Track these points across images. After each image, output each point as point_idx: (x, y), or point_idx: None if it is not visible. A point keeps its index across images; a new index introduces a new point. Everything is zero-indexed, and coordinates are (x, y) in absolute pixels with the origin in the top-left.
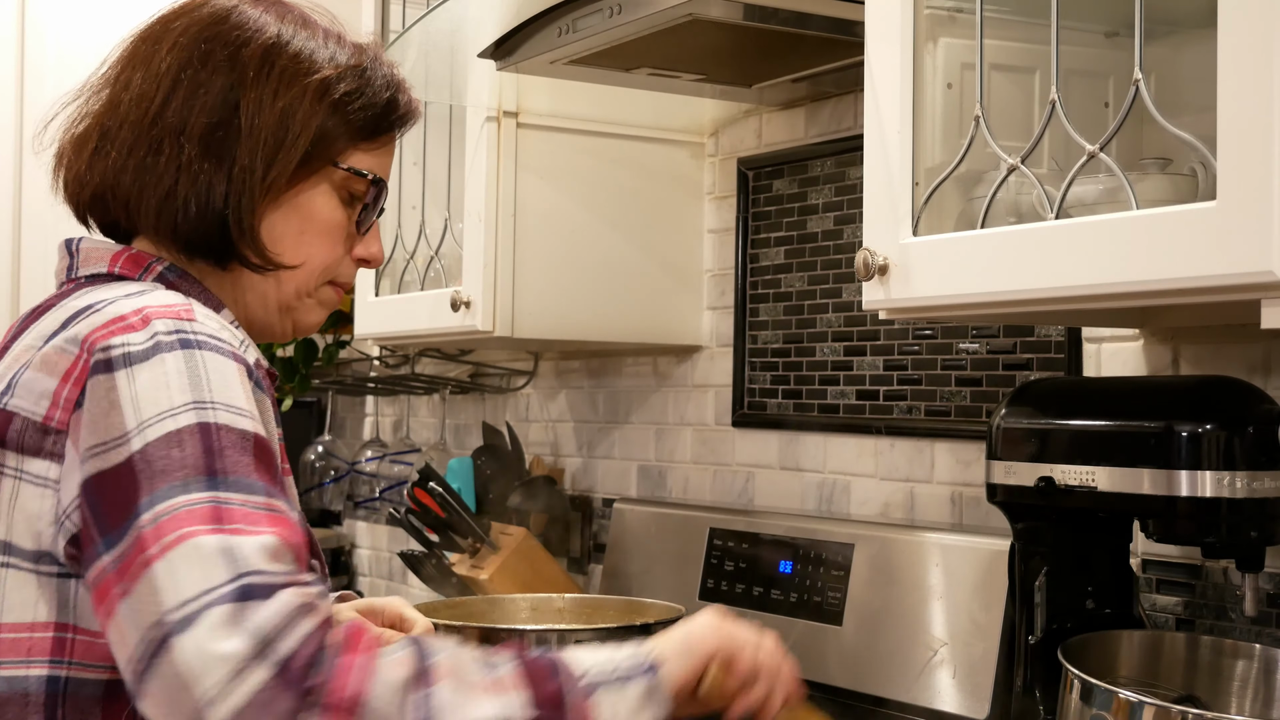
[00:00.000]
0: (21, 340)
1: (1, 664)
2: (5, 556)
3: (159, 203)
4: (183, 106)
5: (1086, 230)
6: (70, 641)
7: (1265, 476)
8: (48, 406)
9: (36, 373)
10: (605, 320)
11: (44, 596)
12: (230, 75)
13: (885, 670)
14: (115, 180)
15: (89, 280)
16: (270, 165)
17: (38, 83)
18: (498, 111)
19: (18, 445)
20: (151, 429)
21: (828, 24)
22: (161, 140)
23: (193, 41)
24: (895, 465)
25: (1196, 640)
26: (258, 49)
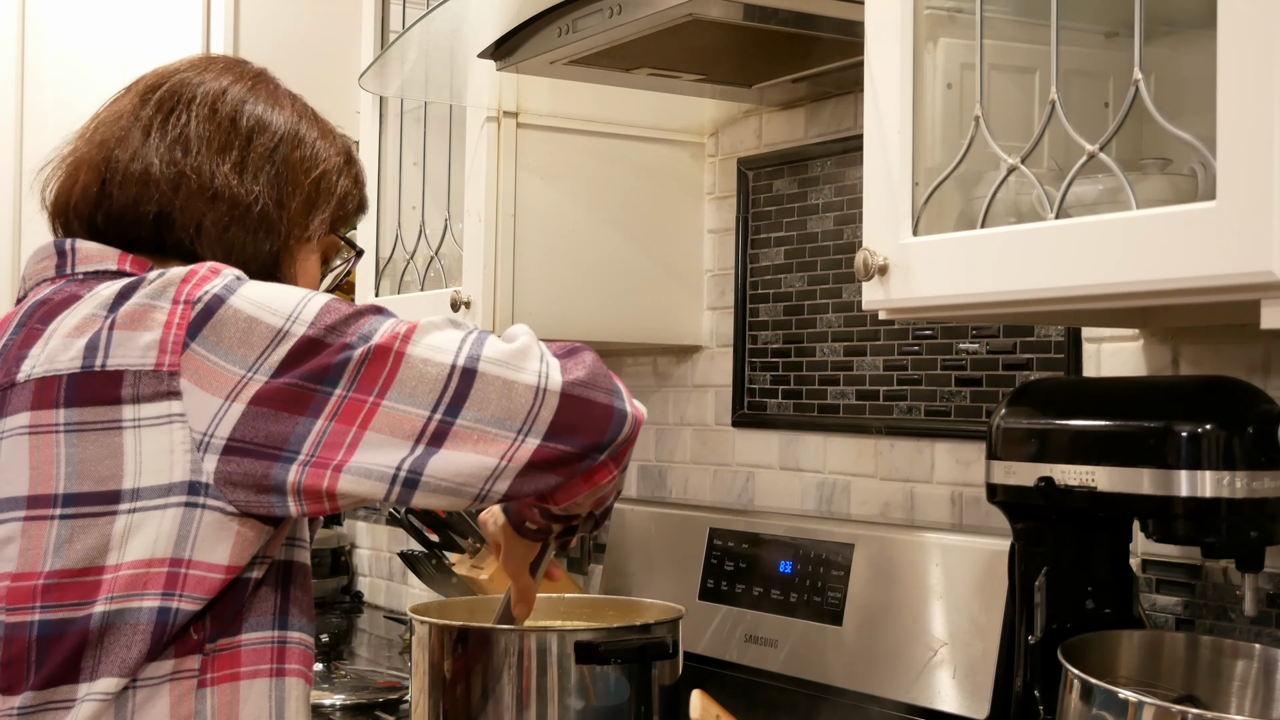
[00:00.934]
0: (66, 320)
1: (115, 598)
2: (131, 503)
3: (226, 224)
4: (243, 150)
5: (1086, 230)
6: (184, 576)
7: (1265, 476)
8: (156, 354)
9: (129, 331)
10: (605, 320)
11: (165, 532)
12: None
13: (885, 670)
14: (185, 204)
15: (92, 276)
16: (309, 221)
17: (38, 84)
18: (498, 111)
19: (134, 398)
20: (303, 313)
21: (828, 24)
22: (229, 175)
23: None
24: (895, 465)
25: (1196, 640)
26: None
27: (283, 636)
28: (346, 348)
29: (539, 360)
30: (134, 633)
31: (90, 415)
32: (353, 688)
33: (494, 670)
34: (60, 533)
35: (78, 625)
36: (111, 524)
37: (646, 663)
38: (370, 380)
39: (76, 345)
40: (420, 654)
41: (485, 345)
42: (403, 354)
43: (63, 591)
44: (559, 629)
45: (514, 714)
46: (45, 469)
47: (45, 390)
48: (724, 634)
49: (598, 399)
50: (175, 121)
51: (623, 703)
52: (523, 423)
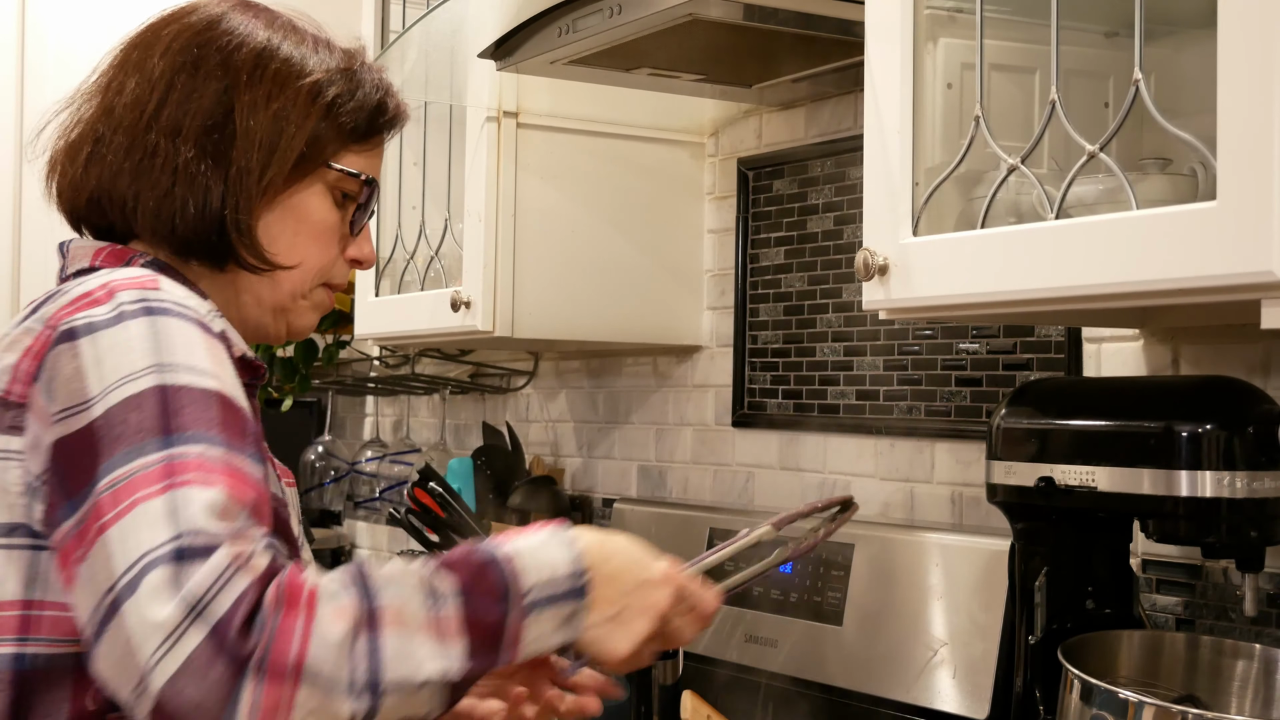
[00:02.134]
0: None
1: None
2: None
3: (156, 205)
4: (177, 110)
5: (1086, 230)
6: (37, 618)
7: (1265, 476)
8: (7, 381)
9: (2, 352)
10: (605, 320)
11: (11, 573)
12: (223, 80)
13: (885, 670)
14: (111, 184)
15: (73, 276)
16: (266, 167)
17: (38, 85)
18: (498, 111)
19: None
20: (113, 394)
21: (828, 24)
22: (157, 144)
23: (185, 47)
24: (895, 465)
25: (1196, 640)
26: (249, 54)
27: None
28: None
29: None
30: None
31: None
32: None
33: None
34: None
35: None
36: None
37: None
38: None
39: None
40: None
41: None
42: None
43: None
44: None
45: None
46: None
47: None
48: (724, 634)
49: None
50: (110, 91)
51: (623, 703)
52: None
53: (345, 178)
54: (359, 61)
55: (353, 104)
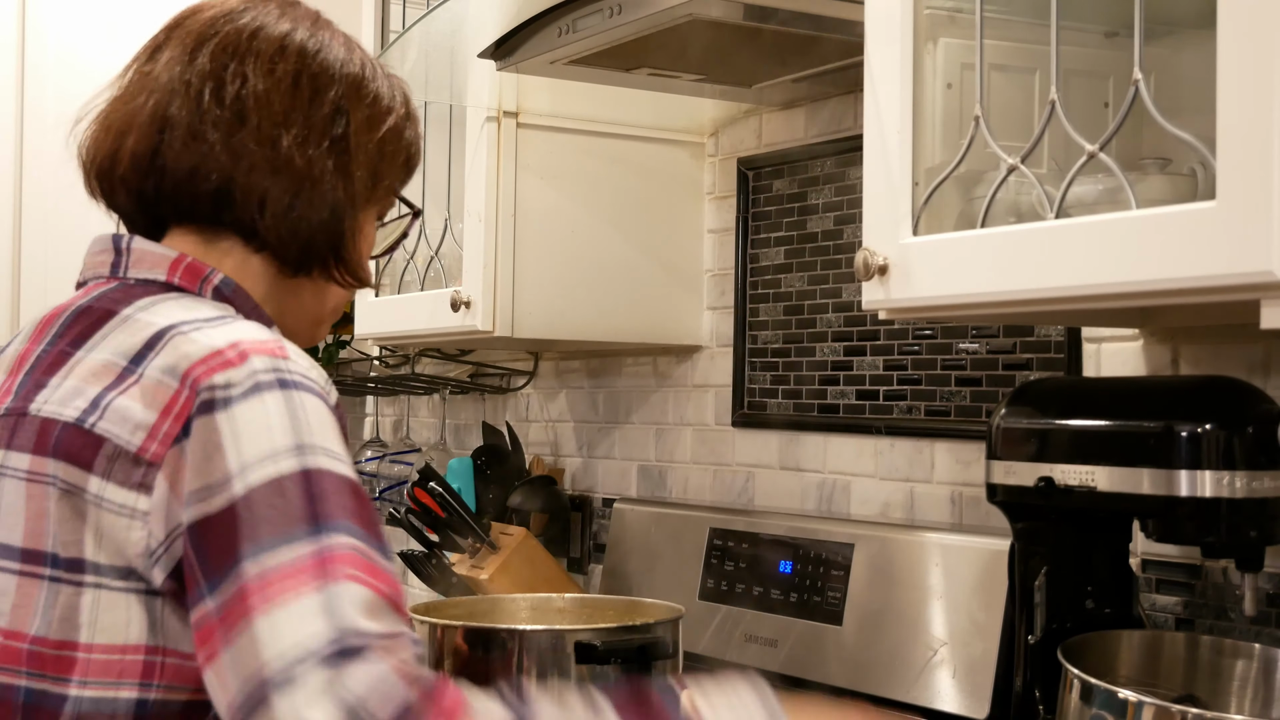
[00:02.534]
0: (91, 354)
1: (89, 684)
2: (95, 576)
3: (289, 203)
4: (304, 118)
5: (1086, 230)
6: (160, 665)
7: (1265, 476)
8: (144, 438)
9: (133, 402)
10: (605, 320)
11: (134, 617)
12: (336, 97)
13: (885, 670)
14: (246, 178)
15: (141, 285)
16: (370, 186)
17: (38, 83)
18: (498, 111)
19: (105, 472)
20: (254, 473)
21: (828, 24)
22: (292, 148)
23: (299, 53)
24: (895, 465)
25: (1196, 640)
26: (354, 76)
27: None
28: (237, 561)
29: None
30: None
31: (67, 473)
32: None
33: (494, 670)
34: (48, 596)
35: (53, 704)
36: (79, 595)
37: (646, 663)
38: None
39: (86, 394)
40: None
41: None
42: (251, 618)
43: (43, 662)
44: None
45: None
46: (38, 522)
47: (45, 434)
48: (724, 634)
49: None
50: (230, 79)
51: None
52: None
53: (389, 204)
54: (411, 100)
55: (418, 142)
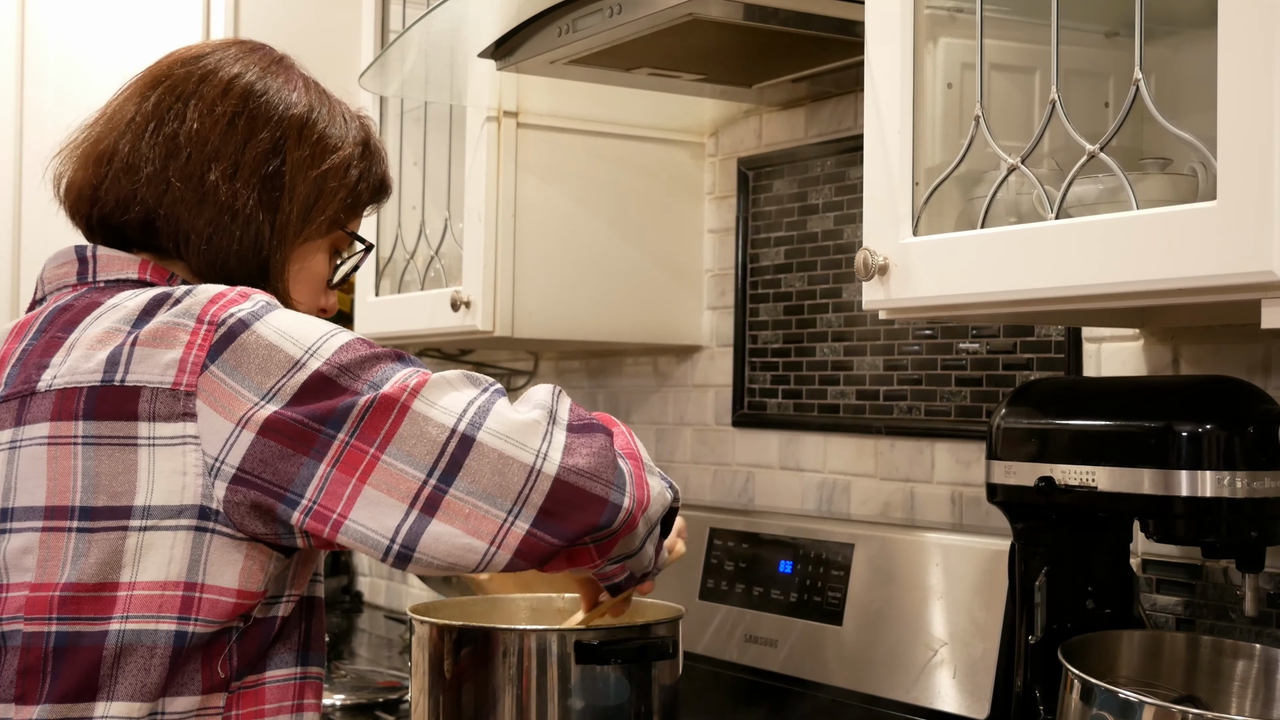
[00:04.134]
0: (88, 330)
1: (131, 618)
2: (143, 520)
3: (211, 236)
4: (237, 153)
5: (1086, 230)
6: (198, 600)
7: (1265, 476)
8: (175, 374)
9: (151, 349)
10: (605, 320)
11: (177, 555)
12: (276, 133)
13: (885, 670)
14: (170, 209)
15: (113, 284)
16: (305, 222)
17: (38, 83)
18: (498, 111)
19: (150, 415)
20: (323, 347)
21: (828, 24)
22: (218, 182)
23: (243, 94)
24: (895, 465)
25: (1196, 640)
26: (299, 116)
27: (303, 673)
28: (355, 392)
29: (542, 437)
30: (151, 655)
31: (107, 429)
32: (353, 688)
33: (494, 670)
34: (77, 546)
35: (93, 640)
36: (124, 539)
37: (646, 663)
38: (373, 430)
39: (98, 358)
40: (420, 654)
41: (491, 412)
42: (408, 408)
43: (79, 605)
44: (559, 629)
45: (514, 714)
46: (63, 480)
47: (66, 401)
48: (724, 634)
49: (593, 490)
50: (170, 119)
51: (623, 703)
52: (513, 503)
53: (344, 237)
54: (373, 137)
55: (370, 179)
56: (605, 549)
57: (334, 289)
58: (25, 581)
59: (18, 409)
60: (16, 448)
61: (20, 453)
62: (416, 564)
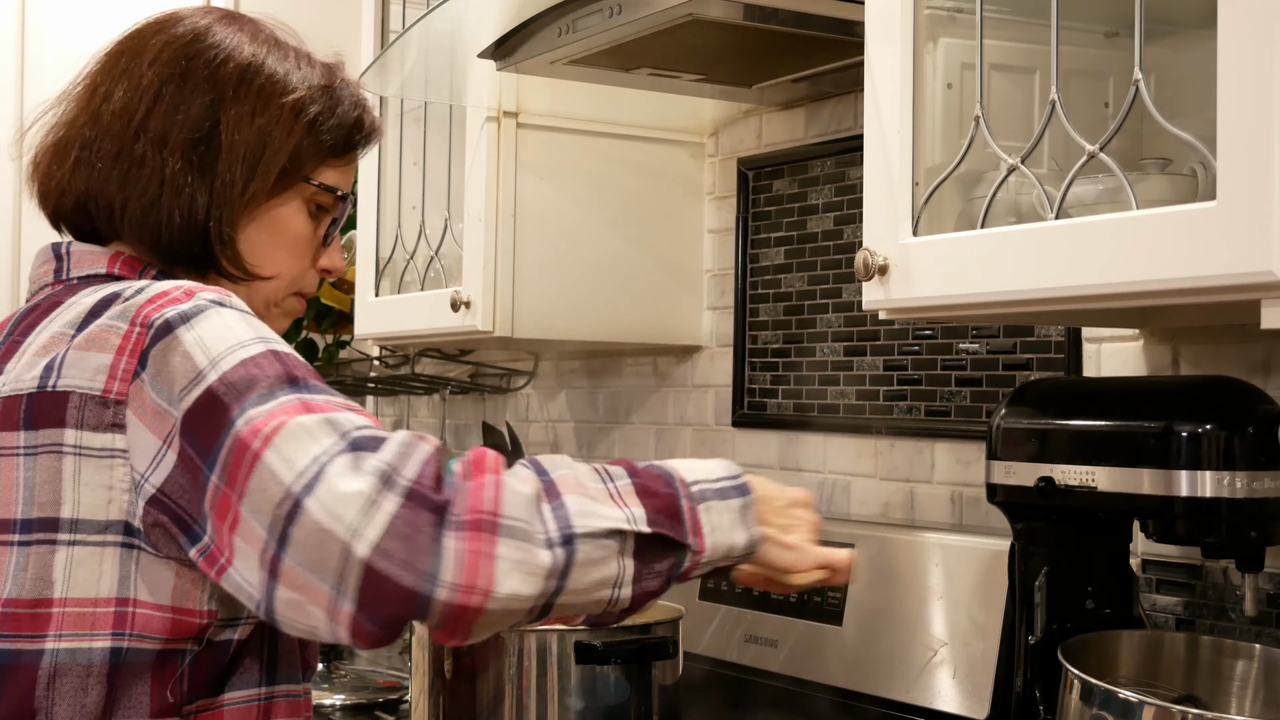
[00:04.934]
0: (40, 335)
1: (64, 636)
2: (70, 534)
3: (143, 212)
4: (165, 121)
5: (1086, 230)
6: (131, 615)
7: (1265, 476)
8: (105, 380)
9: (84, 352)
10: (605, 320)
11: (106, 571)
12: (210, 93)
13: (885, 670)
14: (99, 190)
15: (84, 281)
16: (249, 180)
17: (38, 84)
18: (498, 111)
19: (78, 422)
20: (225, 360)
21: (828, 24)
22: (145, 153)
23: (173, 58)
24: (895, 465)
25: (1196, 640)
26: (235, 69)
27: (269, 693)
28: (229, 421)
29: (360, 512)
30: (87, 675)
31: (41, 438)
32: (353, 688)
33: (494, 670)
34: (18, 559)
35: (30, 659)
36: (53, 553)
37: (646, 663)
38: (233, 477)
39: (40, 365)
40: (420, 654)
41: (323, 476)
42: (258, 457)
43: (17, 622)
44: (559, 629)
45: (514, 714)
46: (6, 493)
47: (10, 410)
48: (724, 634)
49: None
50: (98, 96)
51: (623, 703)
52: (336, 581)
53: (322, 192)
54: (338, 78)
55: (332, 121)
56: (452, 631)
57: (328, 246)
58: None
59: None
60: None
61: None
62: (283, 626)
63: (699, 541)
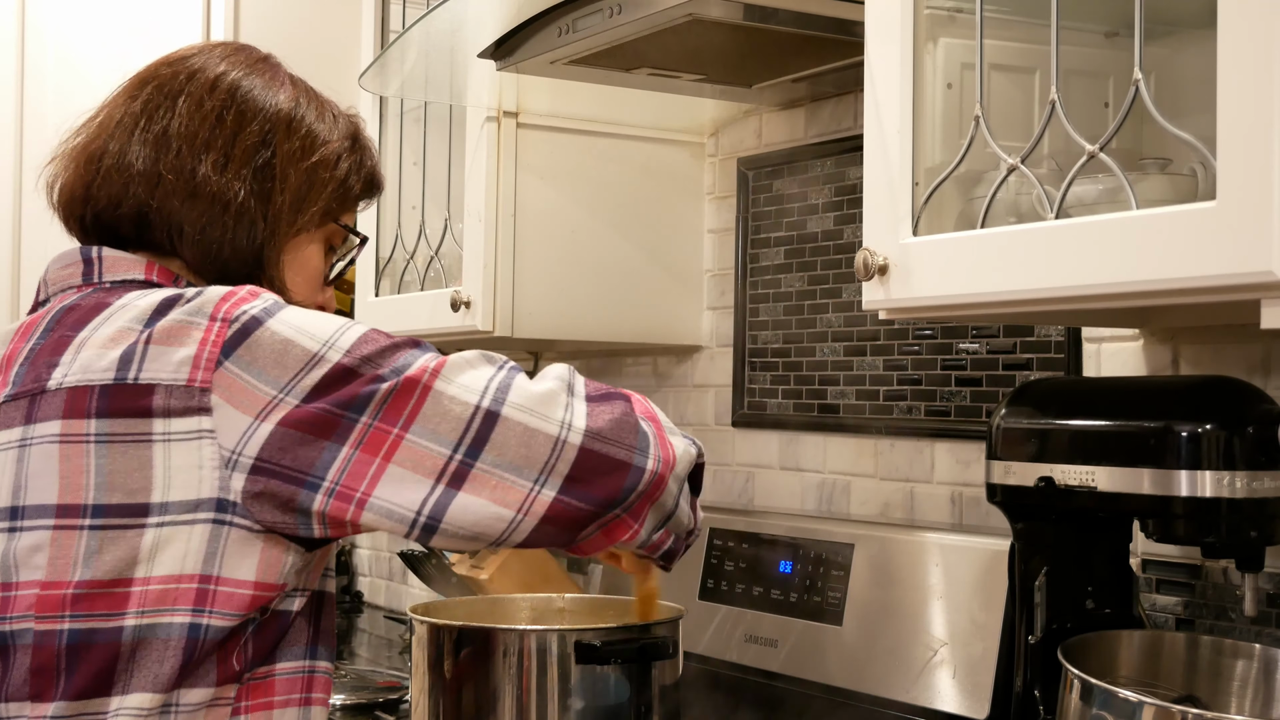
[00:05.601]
0: (100, 330)
1: (146, 612)
2: (160, 516)
3: (204, 228)
4: (227, 145)
5: (1086, 230)
6: (213, 593)
7: (1265, 476)
8: (189, 370)
9: (165, 346)
10: (605, 320)
11: (194, 548)
12: (265, 126)
13: (885, 670)
14: (162, 203)
15: (119, 285)
16: (299, 213)
17: (38, 84)
18: (498, 111)
19: (164, 411)
20: (340, 339)
21: (828, 24)
22: (208, 175)
23: (229, 91)
24: (895, 465)
25: (1196, 640)
26: (286, 110)
27: (312, 666)
28: (378, 379)
29: (563, 408)
30: (165, 648)
31: (121, 427)
32: (353, 688)
33: (494, 670)
34: (90, 543)
35: (107, 636)
36: (140, 536)
37: (646, 663)
38: (396, 412)
39: (110, 356)
40: (420, 654)
41: (512, 387)
42: (430, 388)
43: (92, 602)
44: (559, 629)
45: (514, 714)
46: (75, 479)
47: (77, 399)
48: (724, 634)
49: (615, 454)
50: (160, 116)
51: (623, 703)
52: (540, 472)
53: (338, 231)
54: (361, 132)
55: (360, 172)
56: (637, 512)
57: (330, 284)
58: (35, 580)
59: (27, 407)
60: (27, 446)
61: (31, 451)
62: (442, 535)
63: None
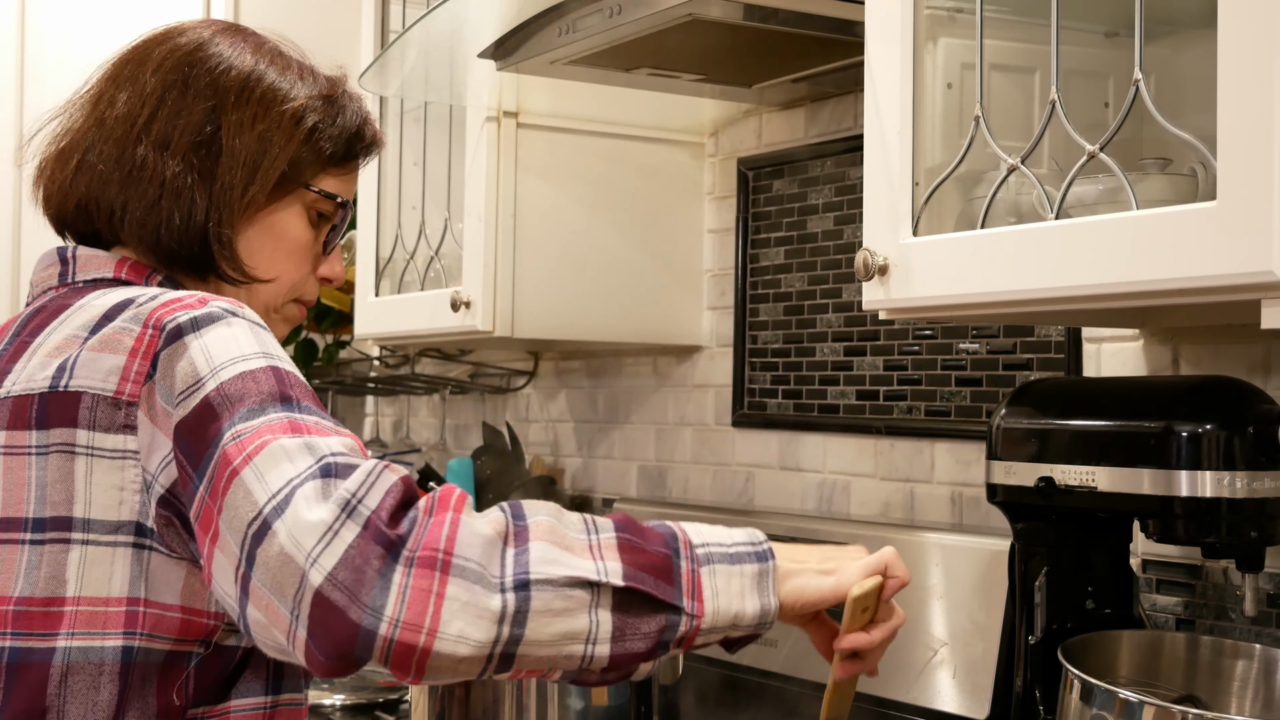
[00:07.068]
0: (51, 336)
1: (77, 635)
2: (84, 534)
3: (143, 215)
4: (166, 125)
5: (1086, 230)
6: (142, 614)
7: (1265, 476)
8: (118, 381)
9: (97, 353)
10: (605, 320)
11: (118, 571)
12: (212, 99)
13: (885, 670)
14: (100, 192)
15: (90, 284)
16: (249, 184)
17: (38, 85)
18: (498, 111)
19: (89, 423)
20: (225, 370)
21: (828, 24)
22: (146, 156)
23: (176, 66)
24: (895, 465)
25: (1196, 640)
26: (237, 77)
27: (274, 701)
28: (219, 434)
29: (319, 540)
30: (99, 673)
31: (52, 438)
32: (353, 688)
33: None
34: (31, 557)
35: (41, 657)
36: (67, 552)
37: None
38: (215, 491)
39: (53, 365)
40: None
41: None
42: (237, 474)
43: (30, 620)
44: None
45: (514, 714)
46: (17, 491)
47: (20, 410)
48: None
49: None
50: (102, 103)
51: (623, 703)
52: (292, 606)
53: (322, 199)
54: (340, 89)
55: (333, 130)
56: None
57: (329, 254)
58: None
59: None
60: None
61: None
62: (257, 644)
63: (697, 605)
